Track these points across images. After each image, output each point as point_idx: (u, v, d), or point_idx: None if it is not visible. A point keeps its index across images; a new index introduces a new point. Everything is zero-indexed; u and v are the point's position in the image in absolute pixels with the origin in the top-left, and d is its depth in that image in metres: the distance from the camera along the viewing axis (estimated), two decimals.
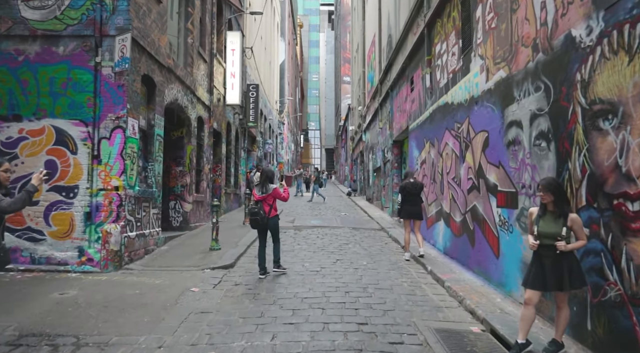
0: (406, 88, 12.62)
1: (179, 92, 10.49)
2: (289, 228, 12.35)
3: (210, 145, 13.54)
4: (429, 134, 9.91)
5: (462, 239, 7.57)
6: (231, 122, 16.70)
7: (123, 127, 7.58)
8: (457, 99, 7.89)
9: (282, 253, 8.76)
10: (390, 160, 15.63)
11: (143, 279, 6.73)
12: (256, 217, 7.39)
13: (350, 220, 14.47)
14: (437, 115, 9.21)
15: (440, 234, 9.00)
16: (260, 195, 7.53)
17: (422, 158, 10.66)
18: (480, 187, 6.74)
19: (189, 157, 11.49)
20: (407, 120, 12.52)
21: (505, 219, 5.80)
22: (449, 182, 8.42)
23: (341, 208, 19.19)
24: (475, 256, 6.95)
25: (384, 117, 17.06)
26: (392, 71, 14.99)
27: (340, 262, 8.14)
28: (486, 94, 6.51)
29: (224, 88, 15.38)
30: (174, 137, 11.40)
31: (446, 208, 8.60)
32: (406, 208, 8.57)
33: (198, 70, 12.18)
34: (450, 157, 8.35)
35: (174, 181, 11.30)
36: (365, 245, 9.98)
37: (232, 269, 7.64)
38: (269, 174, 7.66)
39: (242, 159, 19.22)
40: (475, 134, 6.99)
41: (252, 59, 20.71)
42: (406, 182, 8.65)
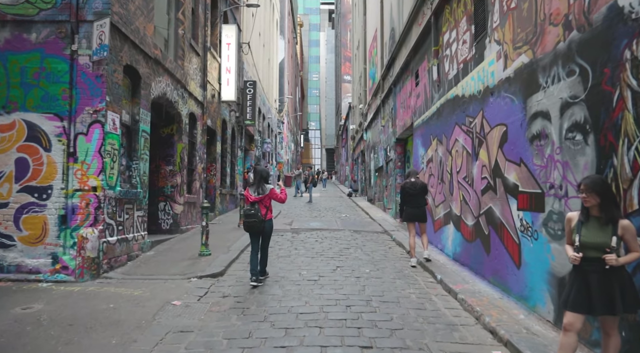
0: (410, 83, 11.93)
1: (168, 86, 9.80)
2: (287, 231, 11.66)
3: (203, 143, 12.85)
4: (436, 130, 9.21)
5: (475, 245, 6.87)
6: (227, 119, 16.01)
7: (102, 121, 6.88)
8: (469, 90, 7.20)
9: (277, 259, 8.11)
10: (393, 159, 14.94)
11: (121, 290, 6.03)
12: (253, 220, 6.73)
13: (351, 222, 13.77)
14: (446, 110, 8.51)
15: (449, 238, 8.30)
16: (255, 196, 6.88)
17: (429, 156, 9.96)
18: (496, 188, 6.04)
19: (180, 156, 10.80)
20: (411, 117, 11.82)
21: (529, 224, 5.10)
22: (459, 181, 7.73)
23: (342, 209, 18.50)
24: (490, 264, 6.25)
25: (386, 115, 16.37)
26: (395, 66, 14.29)
27: (340, 269, 7.44)
28: (504, 83, 5.81)
29: (219, 84, 14.69)
30: (164, 134, 10.71)
31: (456, 211, 7.91)
32: (407, 210, 7.89)
33: (190, 63, 11.50)
34: (460, 154, 7.66)
35: (163, 181, 10.61)
36: (367, 249, 9.28)
37: (222, 278, 6.94)
38: (264, 174, 7.00)
39: (238, 158, 18.53)
40: (490, 129, 6.30)
41: (249, 54, 20.02)
42: (405, 182, 7.97)
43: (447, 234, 8.45)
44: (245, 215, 6.90)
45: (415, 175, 8.08)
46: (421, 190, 7.88)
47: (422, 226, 7.96)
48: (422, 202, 7.88)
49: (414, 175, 8.06)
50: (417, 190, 7.83)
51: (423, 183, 8.01)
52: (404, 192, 7.87)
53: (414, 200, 7.81)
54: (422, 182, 8.11)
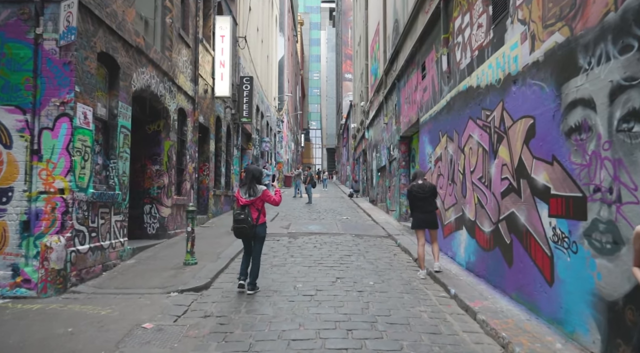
0: (416, 76, 11.11)
1: (153, 78, 8.99)
2: (283, 236, 10.84)
3: (195, 141, 12.04)
4: (446, 126, 8.39)
5: (494, 255, 6.05)
6: (221, 116, 15.20)
7: (70, 114, 6.07)
8: (485, 80, 6.38)
9: (271, 269, 7.31)
10: (396, 158, 14.12)
11: (87, 309, 5.22)
12: (243, 225, 6.04)
13: (352, 226, 12.95)
14: (457, 103, 7.69)
15: (462, 245, 7.48)
16: (246, 198, 6.13)
17: (437, 154, 9.14)
18: (521, 190, 5.22)
19: (167, 154, 9.99)
20: (417, 113, 11.00)
21: (564, 234, 4.28)
22: (473, 182, 6.91)
23: (342, 211, 17.68)
24: (513, 278, 5.42)
25: (389, 112, 15.54)
26: (399, 59, 13.47)
27: (341, 281, 6.63)
28: (531, 68, 4.99)
29: (212, 78, 13.88)
30: (150, 131, 9.91)
31: (470, 215, 7.08)
32: (416, 215, 7.08)
33: (179, 55, 10.69)
34: (475, 152, 6.83)
35: (149, 182, 9.80)
36: (370, 257, 8.46)
37: (206, 292, 6.13)
38: (256, 174, 6.23)
39: (234, 157, 17.72)
40: (513, 122, 5.48)
41: (246, 49, 19.21)
42: (412, 185, 7.15)
43: (459, 241, 7.63)
44: (235, 220, 6.17)
45: (422, 177, 7.26)
46: (430, 193, 7.06)
47: (432, 233, 7.16)
48: (432, 207, 7.07)
49: (421, 177, 7.25)
50: (426, 193, 7.02)
51: (432, 186, 7.19)
52: (412, 196, 7.07)
53: (423, 205, 7.00)
54: (431, 184, 7.30)
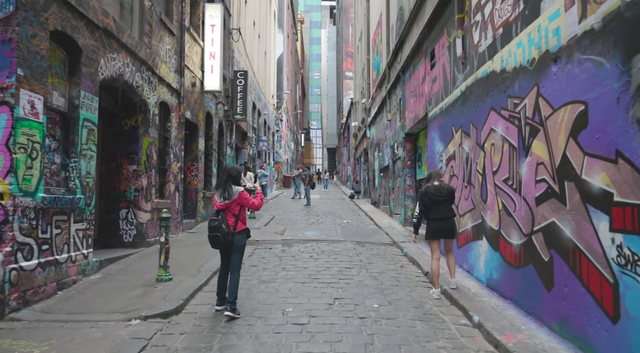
0: (424, 66, 10.03)
1: (127, 66, 7.92)
2: (277, 243, 9.77)
3: (180, 138, 10.97)
4: (461, 120, 7.32)
5: (525, 273, 4.97)
6: (212, 112, 14.13)
7: (10, 103, 5.01)
8: (513, 62, 5.30)
9: (258, 286, 6.25)
10: (401, 157, 13.04)
11: (17, 345, 4.15)
12: (216, 233, 5.12)
13: (353, 231, 11.87)
14: (475, 92, 6.61)
15: (481, 258, 6.39)
16: (221, 202, 5.16)
17: (449, 152, 8.06)
18: (565, 195, 4.14)
19: (146, 153, 8.92)
20: (424, 107, 9.93)
21: (637, 255, 3.20)
22: (497, 185, 5.83)
23: (342, 213, 16.60)
24: (555, 305, 4.34)
25: (393, 107, 14.47)
26: (403, 50, 12.40)
27: (339, 303, 5.55)
28: (581, 40, 3.92)
29: (202, 71, 12.81)
30: (127, 126, 8.84)
31: (492, 223, 6.00)
32: (432, 223, 6.00)
33: (161, 43, 9.62)
34: (499, 149, 5.76)
35: (125, 184, 8.73)
36: (374, 270, 7.38)
37: (176, 318, 5.06)
38: (232, 173, 5.24)
39: (228, 156, 16.64)
40: (553, 110, 4.40)
41: (240, 42, 18.15)
42: (427, 187, 6.07)
43: (478, 252, 6.55)
44: (209, 228, 5.17)
45: (439, 178, 6.18)
46: (449, 196, 6.00)
47: (448, 243, 6.09)
48: (450, 212, 6.01)
49: (438, 178, 6.16)
50: (444, 196, 5.95)
51: (451, 188, 6.12)
52: (427, 199, 5.99)
53: (440, 210, 5.93)
54: (449, 185, 6.22)
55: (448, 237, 5.98)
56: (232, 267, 5.28)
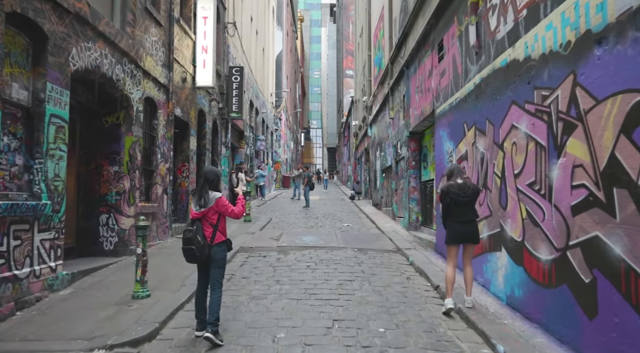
0: (430, 59, 9.29)
1: (105, 58, 7.19)
2: (272, 250, 9.04)
3: (169, 137, 10.23)
4: (475, 116, 6.58)
5: (558, 294, 4.23)
6: (205, 110, 13.39)
7: None
8: (541, 47, 4.57)
9: (248, 304, 5.52)
10: (405, 157, 12.30)
11: None
12: (190, 246, 4.44)
13: (354, 236, 11.14)
14: (492, 85, 5.88)
15: (500, 273, 5.65)
16: (197, 210, 4.48)
17: (461, 152, 7.32)
18: (615, 204, 3.40)
19: (129, 153, 8.18)
20: (431, 103, 9.19)
21: None
22: (519, 189, 5.09)
23: (343, 216, 15.86)
24: (600, 337, 3.60)
25: (396, 105, 13.73)
26: (407, 43, 11.66)
27: (339, 326, 4.82)
28: (636, 15, 3.18)
29: (193, 66, 12.07)
30: (108, 124, 8.10)
31: (513, 233, 5.26)
32: (453, 226, 5.25)
33: (146, 34, 8.88)
34: (522, 148, 5.02)
35: (106, 186, 8.00)
36: (377, 283, 6.64)
37: (148, 346, 4.32)
38: (210, 177, 4.56)
39: (223, 156, 15.91)
40: (596, 102, 3.66)
41: (236, 37, 17.41)
42: (450, 185, 5.32)
43: (496, 265, 5.80)
44: (183, 239, 4.50)
45: (461, 175, 5.42)
46: (473, 196, 5.26)
47: (469, 251, 5.33)
48: (474, 215, 5.28)
49: (460, 175, 5.40)
50: (469, 197, 5.21)
51: (476, 187, 5.37)
52: (449, 200, 5.24)
53: (463, 212, 5.20)
54: (474, 184, 5.49)
55: (471, 241, 5.24)
56: (212, 284, 4.61)
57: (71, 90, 6.86)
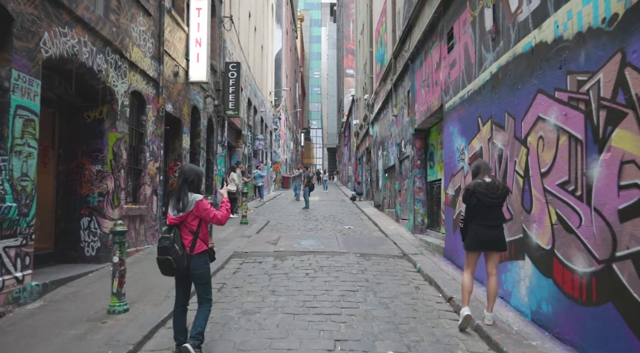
0: (438, 50, 8.66)
1: (85, 46, 6.55)
2: (268, 255, 8.40)
3: (158, 134, 9.59)
4: (491, 109, 5.94)
5: (601, 314, 3.59)
6: (199, 107, 12.76)
7: None
8: (576, 25, 3.93)
9: (238, 319, 4.89)
10: (409, 156, 11.67)
11: None
12: (166, 257, 3.82)
13: (356, 240, 10.50)
14: (513, 73, 5.24)
15: (523, 284, 5.01)
16: (174, 215, 3.87)
17: (474, 149, 6.68)
18: None
19: (113, 150, 7.55)
20: (439, 97, 8.55)
21: None
22: (547, 190, 4.45)
23: (344, 218, 15.22)
24: None
25: (400, 101, 13.10)
26: (413, 35, 11.03)
27: (342, 348, 4.18)
28: None
29: (186, 60, 11.43)
30: (90, 119, 7.47)
31: (539, 240, 4.63)
32: (477, 229, 4.62)
33: (133, 23, 8.24)
34: (552, 142, 4.38)
35: (88, 187, 7.37)
36: (383, 294, 6.00)
37: None
38: (189, 176, 3.96)
39: (218, 156, 15.27)
40: None
41: (233, 32, 16.78)
42: (477, 183, 4.67)
43: (517, 275, 5.16)
44: (158, 248, 3.89)
45: (489, 172, 4.78)
46: (502, 197, 4.64)
47: (493, 259, 4.70)
48: (501, 219, 4.67)
49: (488, 172, 4.75)
50: (497, 198, 4.59)
51: (505, 188, 4.74)
52: (474, 201, 4.60)
53: (490, 215, 4.58)
54: (504, 184, 4.88)
55: (496, 249, 4.62)
56: (199, 300, 4.03)
57: (47, 80, 6.27)
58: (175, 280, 4.07)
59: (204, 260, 3.98)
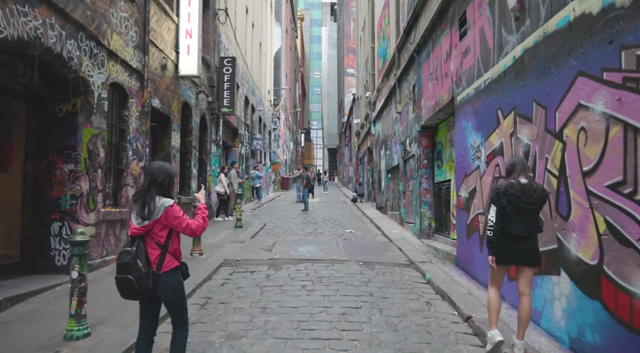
0: (449, 38, 7.89)
1: (51, 29, 5.78)
2: (262, 264, 7.63)
3: (143, 131, 8.82)
4: (515, 99, 5.16)
5: None
6: (191, 103, 11.99)
7: None
8: None
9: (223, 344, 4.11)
10: (415, 155, 10.89)
11: None
12: (126, 276, 3.05)
13: (358, 246, 9.72)
14: (544, 55, 4.46)
15: (557, 304, 4.23)
16: (138, 224, 3.12)
17: (493, 146, 5.90)
18: None
19: (88, 148, 6.78)
20: (450, 89, 7.78)
21: None
22: (592, 192, 3.67)
23: (344, 221, 14.44)
24: None
25: (404, 97, 12.32)
26: (419, 25, 10.26)
27: None
28: None
29: (176, 52, 10.67)
30: (61, 113, 6.70)
31: (580, 252, 3.84)
32: (505, 240, 3.83)
33: (112, 7, 7.47)
34: (599, 135, 3.60)
35: (59, 188, 6.59)
36: (391, 312, 5.21)
37: None
38: (158, 176, 3.23)
39: (213, 155, 14.49)
40: None
41: (229, 27, 16.03)
42: (510, 184, 3.87)
43: (550, 293, 4.37)
44: (117, 265, 3.13)
45: (526, 172, 3.96)
46: (540, 202, 3.85)
47: (526, 275, 3.92)
48: (536, 227, 3.87)
49: (525, 172, 3.93)
50: (534, 204, 3.80)
51: (544, 191, 3.93)
52: (506, 204, 3.82)
53: (523, 222, 3.80)
54: (542, 186, 4.05)
55: (530, 263, 3.85)
56: (173, 323, 3.30)
57: (7, 68, 5.53)
58: (139, 304, 3.31)
59: (175, 278, 3.22)
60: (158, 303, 3.28)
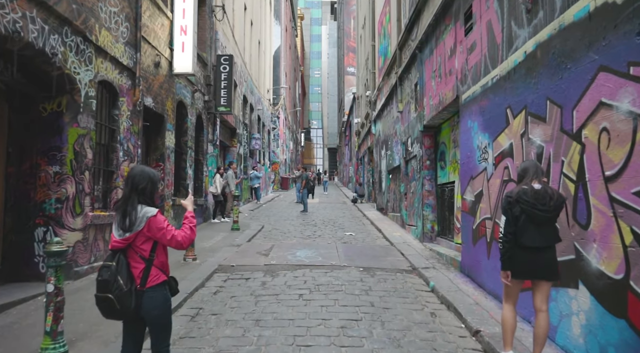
0: (453, 34, 7.55)
1: (32, 23, 5.44)
2: (257, 270, 7.29)
3: (135, 131, 8.48)
4: (526, 97, 4.82)
5: None
6: (186, 102, 11.65)
7: None
8: None
9: None
10: (417, 156, 10.55)
11: None
12: (105, 294, 2.72)
13: (358, 249, 9.38)
14: (559, 49, 4.12)
15: (576, 320, 3.88)
16: (119, 236, 2.80)
17: (501, 147, 5.56)
18: None
19: (74, 149, 6.45)
20: (454, 88, 7.44)
21: None
22: (616, 199, 3.33)
23: (344, 222, 14.11)
24: None
25: (406, 96, 11.98)
26: (421, 21, 9.92)
27: None
28: None
29: (170, 49, 10.34)
30: (46, 112, 6.36)
31: (602, 265, 3.50)
32: (520, 252, 3.51)
33: (101, 2, 7.12)
34: (625, 136, 3.26)
35: (43, 191, 6.26)
36: (393, 325, 4.88)
37: None
38: (139, 183, 2.94)
39: (210, 155, 14.15)
40: None
41: (226, 23, 15.68)
42: (523, 191, 3.54)
43: (567, 308, 4.03)
44: (96, 281, 2.79)
45: (540, 177, 3.63)
46: (556, 210, 3.51)
47: (542, 290, 3.59)
48: (553, 238, 3.54)
49: (539, 177, 3.61)
50: (550, 212, 3.47)
51: (561, 197, 3.59)
52: (519, 212, 3.50)
53: (538, 232, 3.47)
54: (559, 192, 3.68)
55: (547, 277, 3.53)
56: (154, 347, 2.96)
57: None
58: (122, 324, 2.98)
59: (162, 295, 2.88)
60: (143, 321, 2.95)
